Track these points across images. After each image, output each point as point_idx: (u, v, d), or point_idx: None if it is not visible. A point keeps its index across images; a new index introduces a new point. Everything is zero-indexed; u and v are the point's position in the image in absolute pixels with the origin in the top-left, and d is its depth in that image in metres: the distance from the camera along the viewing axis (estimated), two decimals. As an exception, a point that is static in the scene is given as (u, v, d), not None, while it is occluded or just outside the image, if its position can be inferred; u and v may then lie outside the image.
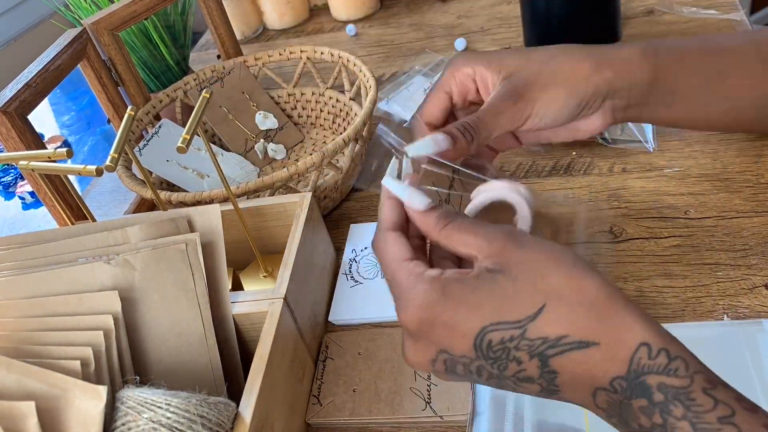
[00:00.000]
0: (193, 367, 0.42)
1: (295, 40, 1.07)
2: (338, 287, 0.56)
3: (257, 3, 1.10)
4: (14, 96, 0.57)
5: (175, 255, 0.41)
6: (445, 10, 1.02)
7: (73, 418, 0.33)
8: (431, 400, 0.45)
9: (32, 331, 0.39)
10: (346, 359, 0.49)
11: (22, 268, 0.42)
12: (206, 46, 1.16)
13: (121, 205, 0.76)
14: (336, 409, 0.46)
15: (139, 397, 0.34)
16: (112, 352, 0.38)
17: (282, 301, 0.44)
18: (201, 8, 0.82)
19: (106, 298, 0.40)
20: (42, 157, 0.43)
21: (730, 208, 0.53)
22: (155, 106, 0.74)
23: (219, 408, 0.36)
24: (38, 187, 0.61)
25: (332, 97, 0.78)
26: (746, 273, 0.48)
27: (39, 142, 0.60)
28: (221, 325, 0.44)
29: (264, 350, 0.40)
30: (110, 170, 0.40)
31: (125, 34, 0.76)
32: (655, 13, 0.82)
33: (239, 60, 0.80)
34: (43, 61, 0.62)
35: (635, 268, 0.51)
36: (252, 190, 0.56)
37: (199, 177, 0.69)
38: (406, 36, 0.97)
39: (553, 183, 0.61)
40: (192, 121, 0.43)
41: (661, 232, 0.53)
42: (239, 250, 0.57)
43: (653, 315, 0.44)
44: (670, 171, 0.58)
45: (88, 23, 0.68)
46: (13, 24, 1.56)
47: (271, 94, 0.81)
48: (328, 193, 0.63)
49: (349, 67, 0.73)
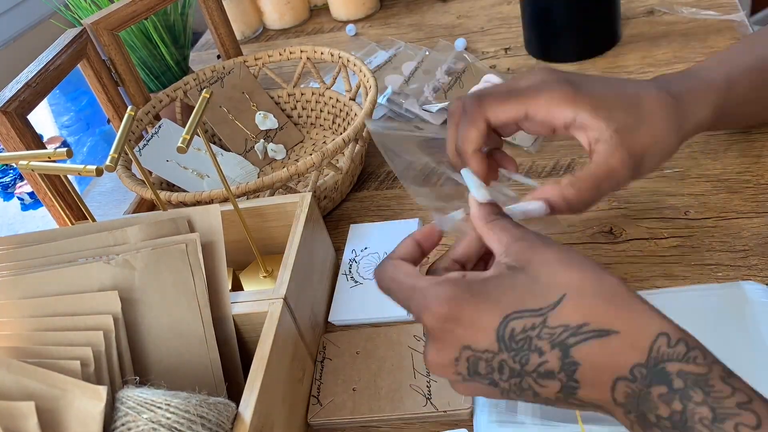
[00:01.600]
0: (193, 368, 0.42)
1: (295, 40, 1.07)
2: (338, 287, 0.56)
3: (257, 3, 1.10)
4: (14, 96, 0.57)
5: (175, 255, 0.41)
6: (445, 10, 1.02)
7: (73, 418, 0.33)
8: (431, 396, 0.45)
9: (32, 331, 0.39)
10: (344, 359, 0.49)
11: (22, 268, 0.42)
12: (206, 46, 1.16)
13: (121, 205, 0.76)
14: (336, 408, 0.46)
15: (138, 398, 0.34)
16: (112, 353, 0.38)
17: (282, 301, 0.44)
18: (201, 8, 0.82)
19: (106, 298, 0.40)
20: (42, 157, 0.43)
21: (730, 208, 0.53)
22: (155, 106, 0.74)
23: (219, 408, 0.35)
24: (38, 187, 0.61)
25: (332, 97, 0.78)
26: (746, 273, 0.48)
27: (39, 142, 0.60)
28: (221, 326, 0.44)
29: (264, 350, 0.40)
30: (110, 170, 0.40)
31: (125, 34, 0.76)
32: (655, 13, 0.82)
33: (239, 60, 0.80)
34: (42, 61, 0.62)
35: (635, 269, 0.51)
36: (252, 190, 0.56)
37: (199, 177, 0.69)
38: (406, 36, 0.97)
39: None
40: (192, 121, 0.43)
41: (661, 233, 0.53)
42: (239, 250, 0.57)
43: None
44: (670, 171, 0.58)
45: (87, 23, 0.68)
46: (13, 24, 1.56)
47: (271, 94, 0.81)
48: (327, 194, 0.63)
49: (349, 67, 0.73)
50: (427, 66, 0.83)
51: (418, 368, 0.47)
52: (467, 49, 0.88)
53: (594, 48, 0.77)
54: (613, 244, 0.53)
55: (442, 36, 0.94)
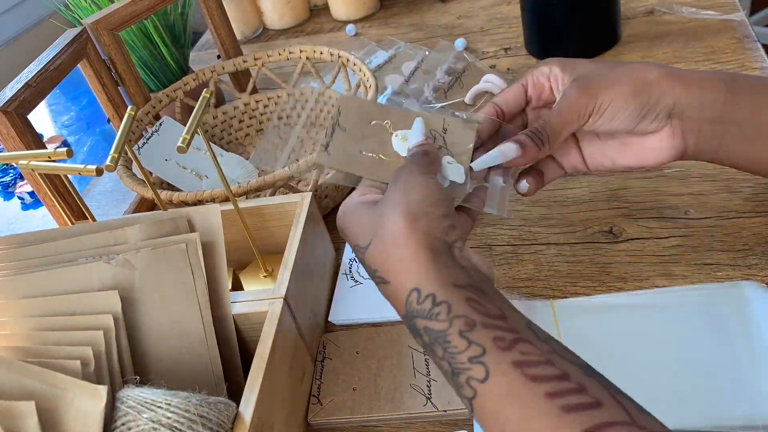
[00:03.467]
0: (193, 367, 0.42)
1: (295, 40, 1.07)
2: (338, 287, 0.56)
3: (257, 3, 1.10)
4: (14, 96, 0.57)
5: (175, 255, 0.41)
6: (445, 10, 1.02)
7: (73, 417, 0.33)
8: (431, 396, 0.45)
9: (32, 330, 0.39)
10: (344, 359, 0.49)
11: (22, 268, 0.42)
12: (206, 46, 1.16)
13: (121, 205, 0.76)
14: (336, 408, 0.46)
15: (139, 397, 0.34)
16: (112, 352, 0.38)
17: (282, 301, 0.44)
18: (201, 8, 0.82)
19: (106, 297, 0.40)
20: (42, 157, 0.43)
21: (730, 208, 0.53)
22: (155, 106, 0.74)
23: (219, 408, 0.35)
24: (38, 187, 0.61)
25: (332, 97, 0.78)
26: (746, 273, 0.48)
27: (39, 142, 0.60)
28: (221, 325, 0.44)
29: (264, 350, 0.40)
30: (110, 170, 0.40)
31: (125, 34, 0.76)
32: (655, 13, 0.82)
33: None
34: (42, 61, 0.62)
35: (635, 268, 0.51)
36: (253, 190, 0.56)
37: (198, 177, 0.69)
38: (406, 36, 0.97)
39: (554, 182, 0.61)
40: (192, 120, 0.43)
41: (661, 232, 0.53)
42: (239, 250, 0.57)
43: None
44: (670, 171, 0.58)
45: (88, 23, 0.68)
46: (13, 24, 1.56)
47: (271, 95, 0.82)
48: (328, 193, 0.63)
49: (349, 66, 0.73)
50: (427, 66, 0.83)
51: (418, 368, 0.47)
52: (467, 49, 0.88)
53: (594, 48, 0.77)
54: (613, 244, 0.53)
55: (442, 36, 0.94)
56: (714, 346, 0.32)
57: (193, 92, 0.78)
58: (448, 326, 0.31)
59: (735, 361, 0.40)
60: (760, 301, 0.44)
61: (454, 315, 0.32)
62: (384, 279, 0.36)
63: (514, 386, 0.29)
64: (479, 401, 0.30)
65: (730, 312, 0.44)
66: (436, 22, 0.99)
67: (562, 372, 0.29)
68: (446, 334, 0.31)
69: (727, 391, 0.39)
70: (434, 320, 0.32)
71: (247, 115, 0.82)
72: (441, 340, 0.31)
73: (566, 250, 0.54)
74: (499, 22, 0.93)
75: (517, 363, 0.29)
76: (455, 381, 0.31)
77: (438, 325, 0.32)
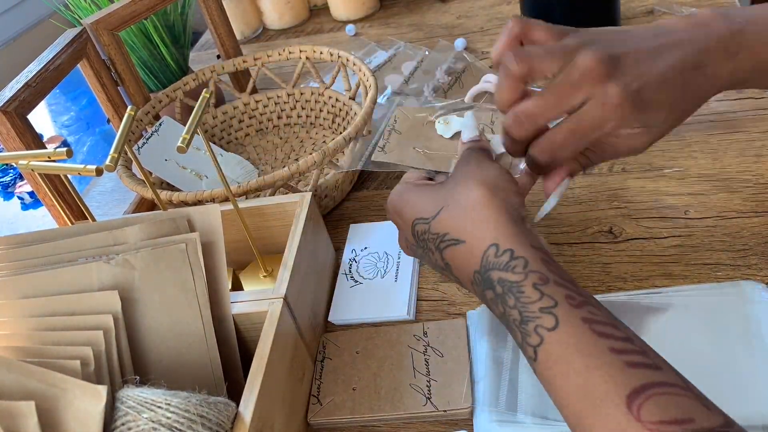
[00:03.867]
0: (193, 367, 0.42)
1: (295, 40, 1.07)
2: (338, 287, 0.56)
3: (257, 3, 1.10)
4: (14, 96, 0.57)
5: (175, 255, 0.41)
6: (445, 10, 1.02)
7: (72, 417, 0.33)
8: (431, 395, 0.45)
9: (32, 330, 0.39)
10: (344, 358, 0.49)
11: (22, 268, 0.42)
12: (206, 46, 1.16)
13: (121, 205, 0.76)
14: (336, 408, 0.46)
15: (138, 397, 0.34)
16: (112, 352, 0.38)
17: (282, 301, 0.44)
18: (201, 8, 0.82)
19: (106, 298, 0.40)
20: (42, 157, 0.43)
21: (730, 208, 0.53)
22: (155, 106, 0.74)
23: (219, 408, 0.35)
24: (38, 187, 0.61)
25: (332, 97, 0.78)
26: (746, 273, 0.48)
27: (39, 142, 0.60)
28: (221, 325, 0.44)
29: (264, 350, 0.40)
30: (110, 170, 0.40)
31: (125, 34, 0.76)
32: (655, 13, 0.82)
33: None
34: (42, 61, 0.62)
35: (635, 268, 0.51)
36: (253, 189, 0.56)
37: (197, 177, 0.69)
38: (406, 36, 0.97)
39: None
40: (192, 120, 0.43)
41: (661, 232, 0.53)
42: (239, 250, 0.57)
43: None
44: (670, 171, 0.58)
45: (87, 23, 0.68)
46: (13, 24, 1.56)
47: (270, 95, 0.81)
48: (328, 193, 0.63)
49: (349, 66, 0.73)
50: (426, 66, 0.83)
51: (418, 368, 0.47)
52: (467, 49, 0.88)
53: (594, 48, 0.77)
54: (613, 244, 0.53)
55: (441, 36, 0.94)
56: (714, 346, 0.32)
57: (192, 92, 0.78)
58: (524, 278, 0.34)
59: (735, 361, 0.40)
60: (760, 301, 0.44)
61: (530, 269, 0.34)
62: (457, 239, 0.38)
63: (581, 338, 0.31)
64: (545, 348, 0.32)
65: (730, 312, 0.44)
66: (436, 22, 0.99)
67: (625, 335, 0.31)
68: (521, 285, 0.34)
69: (727, 391, 0.39)
70: (510, 272, 0.35)
71: (247, 115, 0.82)
72: (515, 290, 0.34)
73: (566, 250, 0.54)
74: (499, 22, 0.93)
75: (585, 319, 0.32)
76: (522, 329, 0.33)
77: (514, 276, 0.34)
